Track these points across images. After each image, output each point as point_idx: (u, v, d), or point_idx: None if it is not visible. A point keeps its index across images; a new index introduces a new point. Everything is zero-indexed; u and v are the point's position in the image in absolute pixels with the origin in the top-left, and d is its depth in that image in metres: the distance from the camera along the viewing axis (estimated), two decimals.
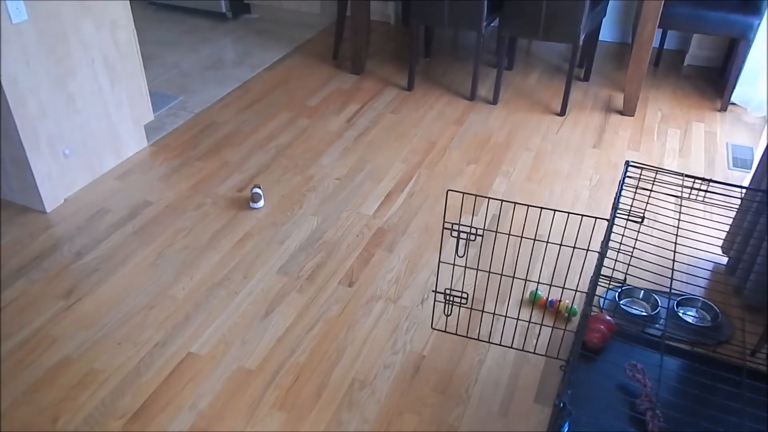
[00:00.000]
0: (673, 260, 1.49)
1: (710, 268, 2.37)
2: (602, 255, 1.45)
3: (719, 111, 3.47)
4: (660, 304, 2.16)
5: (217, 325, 2.09)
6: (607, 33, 4.33)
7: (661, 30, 3.92)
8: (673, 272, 1.54)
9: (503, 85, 3.72)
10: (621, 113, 3.44)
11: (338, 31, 3.92)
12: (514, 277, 1.85)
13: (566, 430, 1.28)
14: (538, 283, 1.86)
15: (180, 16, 4.69)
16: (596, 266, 1.51)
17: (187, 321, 2.11)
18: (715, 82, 3.80)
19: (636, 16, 3.93)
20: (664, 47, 4.11)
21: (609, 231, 1.51)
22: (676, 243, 1.58)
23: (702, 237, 2.40)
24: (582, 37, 3.20)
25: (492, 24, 3.44)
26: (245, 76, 3.79)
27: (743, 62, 3.37)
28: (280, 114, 3.38)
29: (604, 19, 4.19)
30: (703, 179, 1.79)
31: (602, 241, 1.58)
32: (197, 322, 2.11)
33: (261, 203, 2.65)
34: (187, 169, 2.90)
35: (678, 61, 4.07)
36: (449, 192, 2.67)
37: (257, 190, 2.66)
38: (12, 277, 2.28)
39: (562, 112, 3.41)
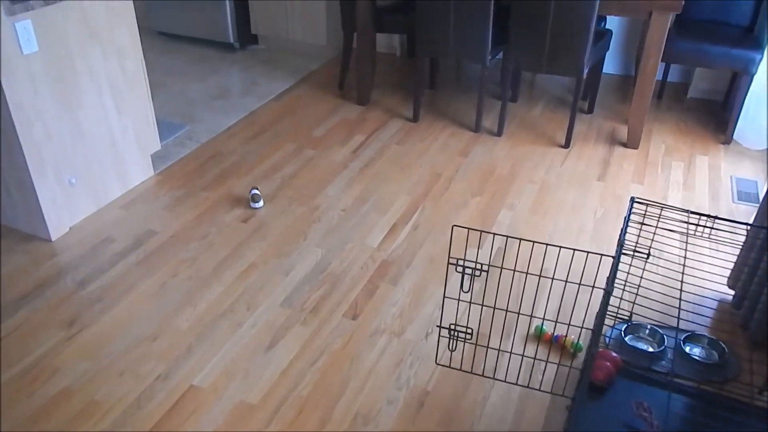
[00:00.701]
0: (680, 299, 1.49)
1: (716, 303, 2.36)
2: (608, 293, 1.44)
3: (723, 144, 3.48)
4: (666, 340, 2.14)
5: (220, 357, 2.08)
6: (610, 66, 4.37)
7: (664, 63, 3.95)
8: (680, 310, 1.53)
9: (508, 116, 3.75)
10: (625, 146, 3.45)
11: (344, 62, 3.96)
12: (519, 313, 1.84)
13: None
14: (543, 319, 1.85)
15: (188, 46, 4.75)
16: (601, 304, 1.50)
17: (190, 352, 2.10)
18: (718, 114, 3.82)
19: (639, 50, 3.96)
20: (667, 80, 4.14)
21: (614, 269, 1.50)
22: (682, 281, 1.57)
23: (708, 271, 2.39)
24: (585, 71, 3.23)
25: (497, 56, 3.48)
26: (252, 106, 3.82)
27: (745, 96, 3.39)
28: (286, 144, 3.40)
29: (607, 52, 4.23)
30: (708, 216, 1.79)
31: (607, 278, 1.58)
32: (200, 353, 2.10)
33: (261, 203, 2.85)
34: (193, 199, 2.91)
35: (681, 94, 4.10)
36: (454, 227, 2.66)
37: (256, 191, 2.84)
38: (15, 306, 2.28)
39: (567, 145, 3.43)
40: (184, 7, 4.60)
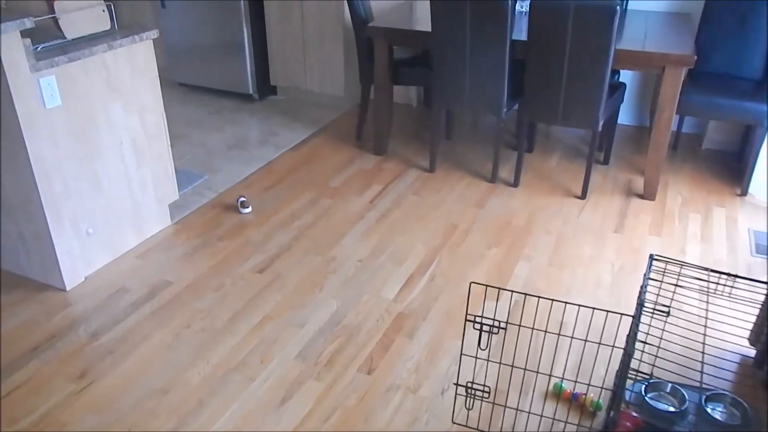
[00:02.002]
0: (702, 361, 1.45)
1: (737, 362, 2.29)
2: (629, 355, 1.41)
3: (739, 196, 3.45)
4: (687, 399, 2.08)
5: (231, 413, 2.05)
6: (625, 117, 4.39)
7: (678, 115, 3.96)
8: (702, 372, 1.48)
9: (524, 167, 3.75)
10: (641, 197, 3.43)
11: (362, 113, 4.01)
12: (537, 372, 1.80)
13: None
14: (563, 378, 1.81)
15: (208, 96, 4.85)
16: (622, 364, 1.47)
17: (201, 407, 2.07)
18: (733, 166, 3.80)
19: (653, 102, 3.98)
20: (682, 131, 4.14)
21: (635, 329, 1.47)
22: (704, 342, 1.53)
23: (729, 329, 2.34)
24: (601, 124, 3.24)
25: (512, 109, 3.51)
26: (269, 156, 3.87)
27: (759, 148, 3.37)
28: (303, 194, 3.42)
29: (621, 104, 4.25)
30: (728, 275, 1.76)
31: (627, 337, 1.54)
32: (211, 408, 2.06)
33: (249, 209, 3.18)
34: (209, 249, 2.92)
35: (696, 145, 4.09)
36: (472, 284, 2.64)
37: (243, 198, 3.21)
38: (25, 357, 2.27)
39: (583, 196, 3.42)
40: (205, 59, 4.72)
